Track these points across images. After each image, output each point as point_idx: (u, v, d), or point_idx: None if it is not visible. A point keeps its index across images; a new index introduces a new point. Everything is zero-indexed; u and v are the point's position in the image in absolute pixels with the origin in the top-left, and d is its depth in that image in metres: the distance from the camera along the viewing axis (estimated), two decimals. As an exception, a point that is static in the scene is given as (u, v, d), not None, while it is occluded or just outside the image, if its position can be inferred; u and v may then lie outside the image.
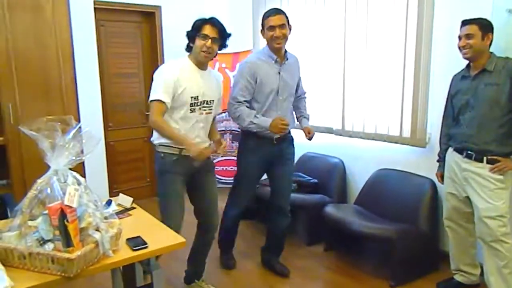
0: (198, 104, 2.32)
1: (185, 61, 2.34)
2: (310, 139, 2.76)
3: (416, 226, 2.87)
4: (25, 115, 3.29)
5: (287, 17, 2.56)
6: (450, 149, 2.56)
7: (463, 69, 2.47)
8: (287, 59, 2.66)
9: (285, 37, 2.55)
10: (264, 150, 2.70)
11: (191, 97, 2.28)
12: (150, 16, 4.41)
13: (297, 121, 2.93)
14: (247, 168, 2.77)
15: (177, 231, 2.29)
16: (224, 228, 2.97)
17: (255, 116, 2.59)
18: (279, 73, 2.63)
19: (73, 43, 3.60)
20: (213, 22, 2.26)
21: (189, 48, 2.34)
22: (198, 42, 2.25)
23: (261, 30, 2.64)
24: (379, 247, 3.25)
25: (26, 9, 3.25)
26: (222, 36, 2.30)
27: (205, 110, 2.37)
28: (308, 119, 2.91)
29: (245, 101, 2.61)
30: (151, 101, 2.23)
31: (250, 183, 2.85)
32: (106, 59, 4.23)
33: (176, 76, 2.23)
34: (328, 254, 3.25)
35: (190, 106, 2.29)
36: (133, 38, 4.42)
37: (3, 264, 1.38)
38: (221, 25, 2.29)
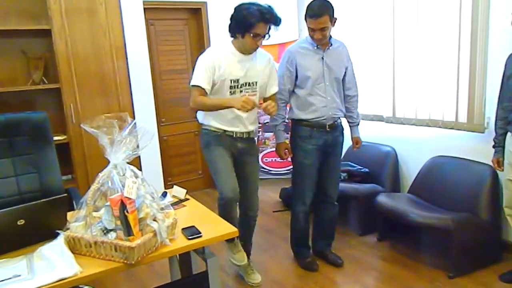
0: (239, 86, 2.36)
1: (227, 46, 2.36)
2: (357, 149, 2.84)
3: (475, 215, 2.74)
4: (85, 114, 3.50)
5: (330, 13, 2.42)
6: (509, 134, 2.41)
7: None
8: (331, 44, 2.62)
9: (325, 37, 2.52)
10: (318, 137, 2.67)
11: (231, 80, 2.33)
12: (196, 13, 4.50)
13: (350, 128, 2.89)
14: (306, 156, 2.69)
15: (233, 195, 2.34)
16: (293, 227, 2.91)
17: (281, 125, 2.72)
18: (323, 58, 2.59)
19: (126, 43, 3.77)
20: (267, 19, 2.22)
21: (233, 35, 2.33)
22: (249, 39, 2.25)
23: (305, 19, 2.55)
24: (436, 237, 3.14)
25: (82, 14, 3.45)
26: (274, 25, 2.27)
27: (247, 92, 2.40)
28: (358, 124, 2.87)
29: (286, 89, 2.64)
30: (192, 85, 2.31)
31: (311, 173, 2.72)
32: (157, 56, 4.39)
33: (217, 62, 2.29)
34: (382, 244, 3.19)
35: (230, 89, 2.34)
36: (181, 35, 4.53)
37: (72, 252, 1.49)
38: (274, 16, 2.24)
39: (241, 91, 2.38)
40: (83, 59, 3.49)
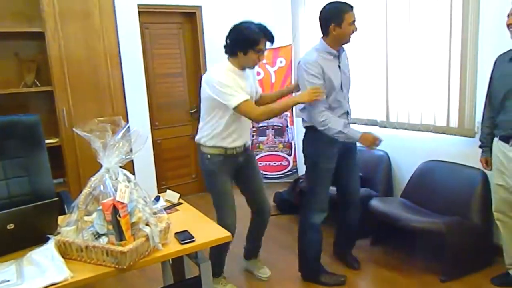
0: None
1: (230, 66, 2.35)
2: None
3: (467, 219, 2.76)
4: (78, 117, 3.49)
5: None
6: (496, 139, 2.43)
7: (510, 50, 2.32)
8: (343, 50, 2.59)
9: None
10: (339, 141, 2.49)
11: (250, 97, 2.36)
12: (191, 17, 4.50)
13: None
14: (330, 161, 2.57)
15: (234, 228, 2.43)
16: (308, 243, 2.71)
17: (344, 125, 2.41)
18: (339, 66, 2.53)
19: (120, 46, 3.77)
20: (267, 35, 2.29)
21: (232, 53, 2.33)
22: (253, 55, 2.29)
23: (332, 24, 2.39)
24: (429, 241, 3.15)
25: (76, 17, 3.44)
26: (269, 42, 2.35)
27: None
28: None
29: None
30: (238, 105, 2.23)
31: (330, 179, 2.61)
32: (151, 60, 4.38)
33: (238, 79, 2.32)
34: (375, 248, 3.20)
35: None
36: (175, 39, 4.53)
37: (63, 257, 1.48)
38: (271, 33, 2.32)
39: None
40: (76, 62, 3.48)
